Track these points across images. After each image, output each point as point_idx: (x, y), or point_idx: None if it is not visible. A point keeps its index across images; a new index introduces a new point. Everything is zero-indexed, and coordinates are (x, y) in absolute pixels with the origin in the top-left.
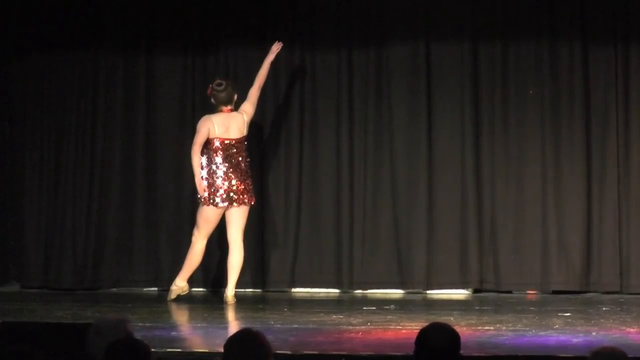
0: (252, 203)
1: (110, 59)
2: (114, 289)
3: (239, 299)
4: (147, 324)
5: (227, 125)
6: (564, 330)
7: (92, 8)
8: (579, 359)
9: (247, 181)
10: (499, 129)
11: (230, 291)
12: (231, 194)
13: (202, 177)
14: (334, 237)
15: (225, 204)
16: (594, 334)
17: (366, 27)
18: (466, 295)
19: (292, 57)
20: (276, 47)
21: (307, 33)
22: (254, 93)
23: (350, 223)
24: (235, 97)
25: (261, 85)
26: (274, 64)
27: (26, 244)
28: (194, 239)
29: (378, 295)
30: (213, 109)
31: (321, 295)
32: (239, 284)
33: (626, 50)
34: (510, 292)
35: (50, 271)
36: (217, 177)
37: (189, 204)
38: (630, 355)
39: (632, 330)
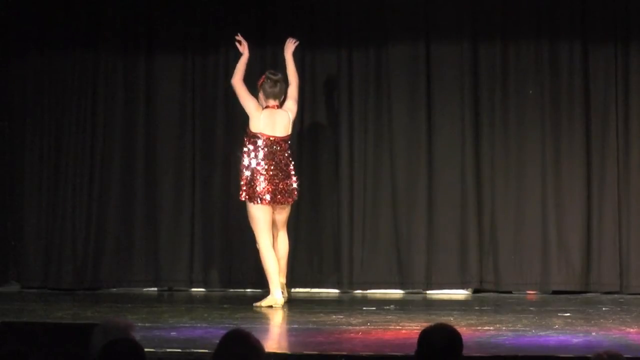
0: (292, 200)
1: (110, 59)
2: (114, 289)
3: (239, 299)
4: (147, 324)
5: (273, 122)
6: (564, 330)
7: (92, 8)
8: (579, 359)
9: (287, 181)
10: (498, 129)
11: (281, 279)
12: (274, 194)
13: (245, 168)
14: (334, 237)
15: (270, 201)
16: (594, 334)
17: (366, 27)
18: (466, 295)
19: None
20: (291, 43)
21: (307, 33)
22: (293, 92)
23: (350, 223)
24: (284, 97)
25: (297, 82)
26: (273, 63)
27: (26, 244)
28: (258, 246)
29: (378, 295)
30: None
31: (321, 295)
32: (239, 284)
33: (626, 50)
34: (510, 292)
35: (50, 271)
36: (260, 175)
37: (189, 204)
38: (630, 356)
39: (632, 330)
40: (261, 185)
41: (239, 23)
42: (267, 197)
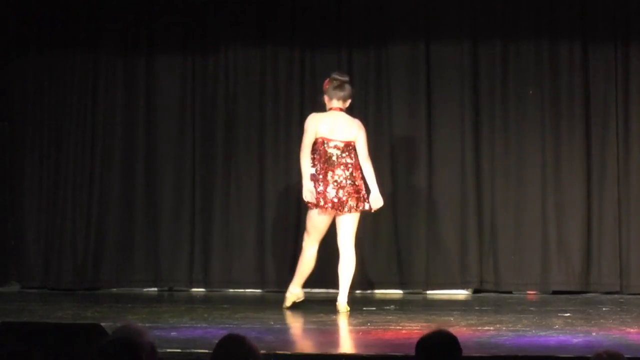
0: (362, 208)
1: (110, 59)
2: (114, 289)
3: (239, 299)
4: (147, 324)
5: (334, 125)
6: (564, 331)
7: (92, 8)
8: (579, 359)
9: (357, 186)
10: (498, 129)
11: (342, 299)
12: (340, 200)
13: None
14: (334, 237)
15: (334, 209)
16: (594, 334)
17: (366, 27)
18: (466, 296)
19: (292, 57)
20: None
21: (307, 33)
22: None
23: None
24: (350, 101)
25: (370, 165)
26: (273, 63)
27: (26, 244)
28: (304, 244)
29: (378, 295)
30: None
31: (321, 295)
32: (238, 284)
33: (626, 50)
34: (510, 292)
35: (50, 271)
36: (324, 181)
37: (189, 204)
38: (630, 356)
39: (632, 330)
40: (326, 192)
41: (239, 23)
42: (325, 203)
